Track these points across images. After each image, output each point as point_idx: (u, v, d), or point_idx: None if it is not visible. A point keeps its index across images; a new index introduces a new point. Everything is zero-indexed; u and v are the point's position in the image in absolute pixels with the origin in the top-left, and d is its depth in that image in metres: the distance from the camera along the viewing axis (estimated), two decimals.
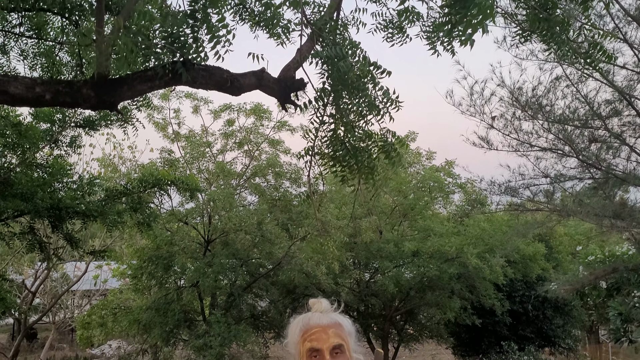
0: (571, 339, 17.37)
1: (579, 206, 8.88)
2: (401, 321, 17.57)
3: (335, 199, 14.54)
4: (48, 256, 7.72)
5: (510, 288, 16.14)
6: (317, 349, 1.81)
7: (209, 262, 12.59)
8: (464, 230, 14.33)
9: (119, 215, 7.75)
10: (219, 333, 11.70)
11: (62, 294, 17.68)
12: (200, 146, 13.82)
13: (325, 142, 4.19)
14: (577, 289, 10.18)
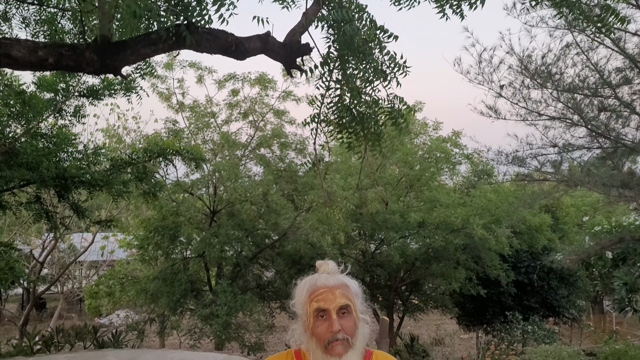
0: (575, 309, 17.45)
1: (586, 176, 8.81)
2: (406, 292, 17.70)
3: (341, 169, 14.49)
4: (55, 225, 7.75)
5: (515, 259, 16.17)
6: (324, 309, 1.80)
7: (214, 232, 12.64)
8: (470, 201, 14.30)
9: (124, 185, 7.75)
10: (225, 302, 11.81)
11: (70, 265, 17.86)
12: (205, 117, 13.74)
13: (331, 109, 4.13)
14: (583, 259, 10.18)
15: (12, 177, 6.62)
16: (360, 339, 1.85)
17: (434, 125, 16.52)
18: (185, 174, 13.68)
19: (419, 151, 15.99)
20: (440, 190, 15.50)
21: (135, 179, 7.88)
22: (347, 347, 1.79)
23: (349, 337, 1.79)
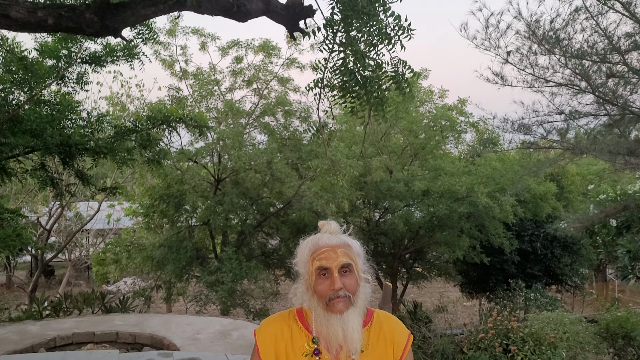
0: (578, 277, 17.56)
1: (592, 143, 8.74)
2: (410, 260, 17.83)
3: (346, 137, 14.45)
4: (60, 192, 7.78)
5: (519, 227, 16.21)
6: (325, 267, 1.80)
7: (219, 200, 12.69)
8: (475, 170, 14.26)
9: (128, 152, 7.73)
10: (231, 269, 11.93)
11: (77, 232, 18.03)
12: (209, 84, 13.63)
13: (335, 73, 4.08)
14: (587, 227, 10.19)
15: (16, 144, 6.60)
16: (361, 297, 1.86)
17: (439, 93, 16.37)
18: (189, 143, 13.68)
19: (424, 119, 15.88)
20: (445, 159, 15.46)
21: (139, 146, 7.86)
22: (349, 304, 1.80)
23: (350, 294, 1.81)
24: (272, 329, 1.89)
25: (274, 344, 1.86)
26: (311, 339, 1.85)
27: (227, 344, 5.69)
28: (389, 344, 1.88)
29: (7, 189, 16.23)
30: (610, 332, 11.19)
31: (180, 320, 6.72)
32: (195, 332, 6.16)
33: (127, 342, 6.09)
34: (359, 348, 1.82)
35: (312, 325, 1.87)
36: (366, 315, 1.92)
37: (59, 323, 6.64)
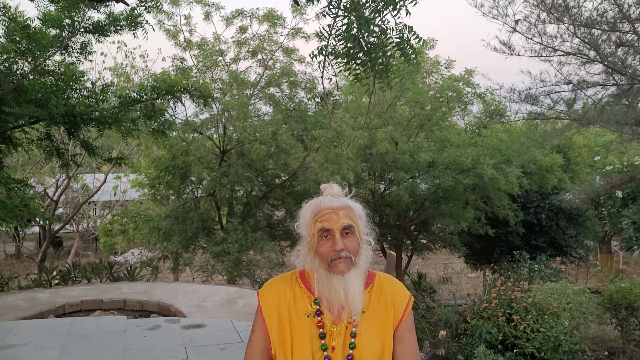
0: (583, 248, 17.60)
1: (600, 114, 8.65)
2: (415, 231, 17.89)
3: (351, 108, 14.37)
4: (66, 163, 7.81)
5: (525, 199, 16.20)
6: (327, 229, 1.81)
7: (224, 172, 12.71)
8: (481, 141, 14.19)
9: (133, 122, 7.73)
10: (237, 240, 12.02)
11: (83, 203, 18.17)
12: (213, 55, 13.53)
13: (339, 40, 4.03)
14: (592, 198, 10.14)
15: (22, 114, 6.60)
16: (363, 259, 1.87)
17: (446, 63, 16.20)
18: (194, 114, 13.65)
19: (430, 91, 15.75)
20: (451, 130, 15.39)
21: (144, 116, 7.85)
22: (350, 265, 1.81)
23: (351, 255, 1.81)
24: (275, 290, 1.91)
25: (276, 305, 1.88)
26: (313, 300, 1.87)
27: (232, 311, 5.77)
28: (389, 305, 1.89)
29: (13, 160, 16.31)
30: (613, 302, 11.24)
31: (186, 289, 6.81)
32: (201, 300, 6.25)
33: (134, 309, 6.19)
34: (360, 309, 1.84)
35: (314, 287, 1.89)
36: (367, 278, 1.93)
37: (68, 291, 6.74)
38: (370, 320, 1.86)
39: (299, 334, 1.83)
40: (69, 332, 4.57)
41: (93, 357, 3.98)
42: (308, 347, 1.80)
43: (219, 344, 4.32)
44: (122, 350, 4.13)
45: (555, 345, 7.67)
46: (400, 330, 1.88)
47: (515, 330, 8.22)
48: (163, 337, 4.48)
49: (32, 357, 4.01)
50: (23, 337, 4.44)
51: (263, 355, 1.87)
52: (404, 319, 1.89)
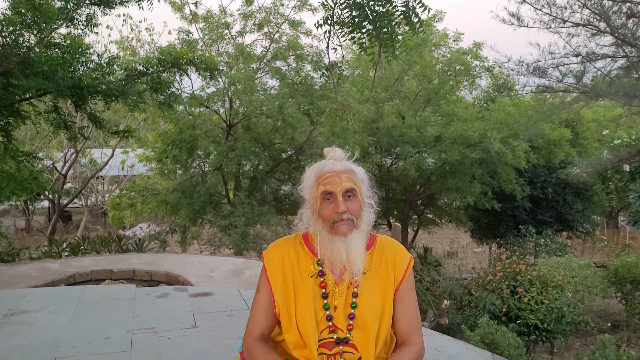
0: (590, 223, 17.59)
1: (609, 86, 8.58)
2: (421, 206, 17.93)
3: (358, 82, 14.28)
4: (74, 135, 7.86)
5: (532, 174, 16.16)
6: (330, 191, 1.84)
7: (231, 146, 12.73)
8: (489, 115, 14.11)
9: (139, 95, 7.73)
10: (243, 214, 12.11)
11: (92, 177, 18.31)
12: (219, 28, 13.42)
13: (344, 9, 4.01)
14: (600, 172, 10.12)
15: (29, 86, 6.62)
16: (364, 221, 1.91)
17: (454, 36, 15.99)
18: (200, 88, 13.62)
19: (437, 64, 15.61)
20: (459, 104, 15.29)
21: (151, 89, 7.84)
22: (352, 227, 1.85)
23: (354, 218, 1.85)
24: (279, 252, 1.96)
25: (280, 266, 1.92)
26: (316, 261, 1.91)
27: (239, 281, 5.86)
28: (390, 267, 1.93)
29: (21, 134, 16.41)
30: (618, 277, 11.30)
31: (194, 260, 6.91)
32: (209, 271, 6.34)
33: (143, 279, 6.30)
34: (362, 269, 1.88)
35: (317, 249, 1.93)
36: (369, 240, 1.97)
37: (78, 261, 6.86)
38: (371, 281, 1.90)
39: (303, 294, 1.88)
40: (80, 299, 4.67)
41: (104, 322, 4.08)
42: (311, 307, 1.85)
43: (225, 311, 4.41)
44: (132, 316, 4.23)
45: (558, 317, 7.75)
46: (401, 291, 1.93)
47: (520, 302, 8.31)
48: (172, 304, 4.57)
49: (45, 321, 4.11)
50: (36, 304, 4.55)
51: (267, 314, 1.92)
52: (405, 280, 1.94)
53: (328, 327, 1.85)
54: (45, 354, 3.50)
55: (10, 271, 6.33)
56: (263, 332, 1.92)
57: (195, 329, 3.99)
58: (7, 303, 4.58)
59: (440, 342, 3.85)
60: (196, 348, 3.62)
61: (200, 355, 3.50)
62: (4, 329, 3.97)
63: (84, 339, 3.78)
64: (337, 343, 1.84)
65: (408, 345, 1.89)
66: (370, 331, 1.84)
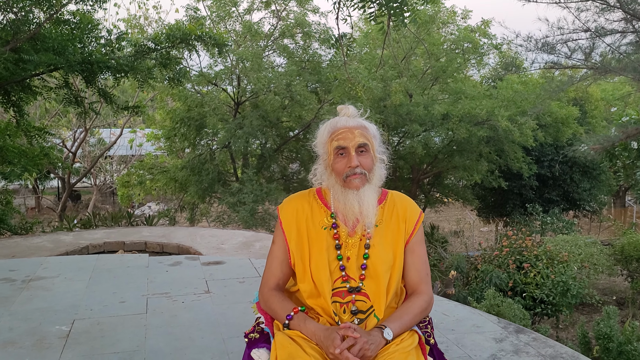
0: (597, 202, 17.58)
1: (618, 62, 8.54)
2: (428, 185, 17.98)
3: (366, 59, 14.24)
4: (85, 111, 7.94)
5: (539, 152, 16.14)
6: (343, 146, 1.91)
7: (239, 123, 12.79)
8: (496, 93, 14.06)
9: (149, 71, 7.78)
10: (252, 191, 12.21)
11: (101, 155, 18.45)
12: (227, 5, 13.40)
13: None
14: (607, 149, 10.11)
15: (40, 61, 6.68)
16: (376, 176, 1.97)
17: (462, 14, 15.86)
18: (208, 66, 13.64)
19: (445, 42, 15.52)
20: (466, 83, 15.23)
21: (160, 65, 7.89)
22: (364, 181, 1.91)
23: (366, 172, 1.91)
24: (294, 205, 2.03)
25: (295, 218, 1.99)
26: (329, 214, 1.98)
27: (249, 252, 5.96)
28: (401, 220, 2.00)
29: (31, 112, 16.51)
30: (624, 254, 11.34)
31: (204, 233, 7.02)
32: (219, 243, 6.45)
33: (155, 251, 6.41)
34: (374, 222, 1.95)
35: (330, 203, 2.00)
36: (381, 195, 2.04)
37: (90, 234, 6.99)
38: (383, 234, 1.97)
39: (317, 245, 1.95)
40: (95, 267, 4.79)
41: (119, 288, 4.20)
42: (325, 257, 1.93)
43: (237, 278, 4.51)
44: (146, 283, 4.35)
45: (564, 290, 7.83)
46: (411, 243, 2.00)
47: (525, 277, 8.39)
48: (184, 272, 4.68)
49: (62, 287, 4.24)
50: (52, 271, 4.67)
51: (282, 265, 2.00)
52: (415, 233, 2.00)
53: (341, 277, 1.92)
54: (64, 315, 3.62)
55: (25, 243, 6.46)
56: (278, 282, 2.00)
57: (208, 294, 4.09)
58: (25, 270, 4.71)
59: (448, 307, 3.94)
60: (210, 311, 3.73)
61: (215, 317, 3.60)
62: (23, 293, 4.10)
63: (100, 302, 3.90)
64: (350, 292, 1.91)
65: (418, 295, 1.97)
66: (381, 281, 1.91)
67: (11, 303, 3.87)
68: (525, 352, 3.10)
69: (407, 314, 1.90)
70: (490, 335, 3.35)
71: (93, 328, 3.41)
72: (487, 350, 3.14)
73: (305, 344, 1.76)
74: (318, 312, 1.93)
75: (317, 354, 1.73)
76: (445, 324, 3.54)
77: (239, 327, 3.35)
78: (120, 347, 3.13)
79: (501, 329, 3.46)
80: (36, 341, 3.20)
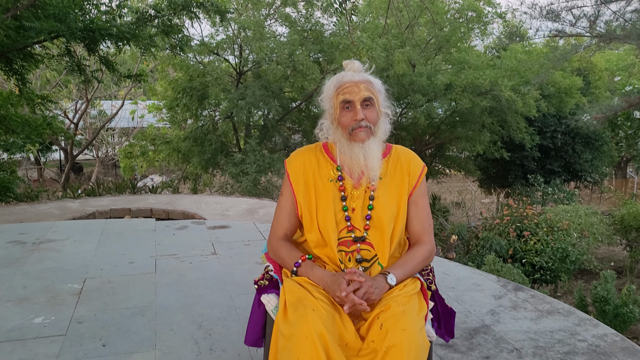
0: (598, 173, 17.62)
1: (622, 30, 8.49)
2: (430, 156, 18.01)
3: (368, 29, 14.12)
4: (87, 79, 7.95)
5: (542, 123, 16.12)
6: (349, 100, 1.95)
7: (241, 94, 12.76)
8: (500, 63, 13.98)
9: (150, 39, 7.76)
10: (255, 161, 12.25)
11: (102, 126, 18.46)
12: None
13: None
14: (610, 118, 10.11)
15: (41, 28, 6.67)
16: (381, 129, 2.03)
17: None
18: (210, 35, 13.55)
19: (449, 11, 15.36)
20: (470, 52, 15.12)
21: (162, 32, 7.87)
22: (369, 134, 1.97)
23: (371, 125, 1.96)
24: (301, 158, 2.09)
25: (302, 171, 2.05)
26: (335, 167, 2.04)
27: (254, 218, 6.05)
28: (405, 173, 2.06)
29: (32, 81, 16.47)
30: (624, 224, 11.44)
31: (209, 200, 7.10)
32: (224, 210, 6.54)
33: (160, 217, 6.51)
34: (378, 175, 2.01)
35: (336, 156, 2.06)
36: (385, 149, 2.10)
37: (97, 201, 7.08)
38: (387, 186, 2.04)
39: (323, 197, 2.01)
40: (103, 230, 4.89)
41: (128, 249, 4.29)
42: (331, 208, 1.99)
43: (243, 241, 4.61)
44: (154, 245, 4.44)
45: (563, 256, 7.94)
46: (415, 195, 2.06)
47: (525, 245, 8.50)
48: (191, 235, 4.77)
49: (72, 249, 4.33)
50: (61, 234, 4.77)
51: (290, 216, 2.07)
52: (418, 185, 2.07)
53: (346, 227, 1.99)
54: (76, 274, 3.72)
55: (32, 209, 6.55)
56: (286, 233, 2.08)
57: (215, 256, 4.19)
58: (35, 233, 4.80)
59: (448, 267, 4.03)
60: (217, 271, 3.83)
61: (222, 277, 3.70)
62: (34, 255, 4.19)
63: (110, 262, 4.00)
64: (355, 241, 1.98)
65: (420, 244, 2.04)
66: (385, 231, 1.98)
67: (23, 263, 3.97)
68: (523, 307, 3.20)
69: (410, 261, 1.97)
70: (489, 293, 3.45)
71: (104, 286, 3.51)
72: (486, 306, 3.23)
73: (312, 289, 1.84)
74: (324, 261, 2.00)
75: (324, 298, 1.81)
76: (446, 283, 3.64)
77: (246, 285, 3.45)
78: (131, 302, 3.23)
79: (500, 287, 3.56)
80: (50, 297, 3.30)
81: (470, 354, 2.60)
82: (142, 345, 2.67)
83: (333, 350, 1.66)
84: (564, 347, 2.67)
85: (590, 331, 2.85)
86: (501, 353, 2.61)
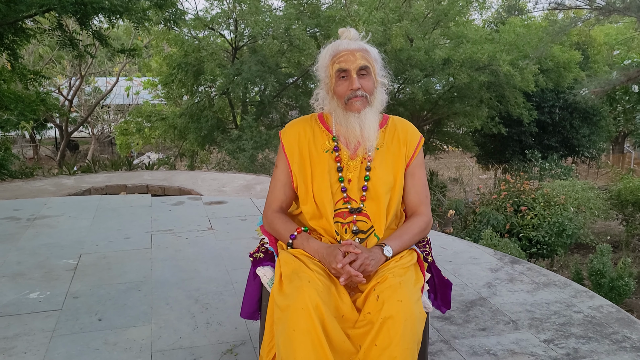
0: (596, 148, 17.60)
1: (621, 2, 8.39)
2: (428, 132, 17.94)
3: (366, 2, 13.92)
4: (80, 53, 7.83)
5: (540, 98, 16.03)
6: (345, 69, 1.90)
7: (237, 69, 12.62)
8: (499, 37, 13.83)
9: (144, 12, 7.63)
10: (251, 137, 12.18)
11: (97, 103, 18.28)
12: None
13: None
14: (608, 92, 10.05)
15: (32, 1, 6.54)
16: (378, 99, 1.98)
17: None
18: (204, 9, 13.34)
19: None
20: (468, 26, 14.95)
21: (155, 6, 7.74)
22: (366, 103, 1.93)
23: (367, 94, 1.92)
24: (296, 129, 2.04)
25: (297, 142, 2.01)
26: (331, 137, 2.00)
27: (250, 194, 6.03)
28: (402, 143, 2.02)
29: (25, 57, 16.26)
30: (621, 199, 11.45)
31: (205, 176, 7.07)
32: (220, 186, 6.51)
33: (156, 194, 6.47)
34: (375, 145, 1.97)
35: (332, 127, 2.02)
36: (382, 119, 2.06)
37: (92, 177, 7.03)
38: (383, 156, 2.00)
39: (319, 168, 1.98)
40: (98, 206, 4.86)
41: (124, 225, 4.27)
42: (327, 179, 1.96)
43: (239, 216, 4.59)
44: (150, 220, 4.42)
45: (559, 230, 7.96)
46: (411, 167, 2.03)
47: (522, 220, 8.52)
48: (187, 211, 4.75)
49: (67, 224, 4.31)
50: (56, 210, 4.74)
51: (285, 187, 2.03)
52: (415, 156, 2.03)
53: (342, 198, 1.96)
54: (71, 250, 3.70)
55: (27, 186, 6.51)
56: (282, 205, 2.05)
57: (211, 231, 4.17)
58: (29, 209, 4.78)
59: (445, 241, 4.02)
60: (214, 246, 3.81)
61: (218, 252, 3.68)
62: (28, 231, 4.17)
63: (106, 238, 3.98)
64: (351, 212, 1.95)
65: (417, 216, 2.01)
66: (382, 202, 1.95)
67: (17, 240, 3.95)
68: (520, 280, 3.20)
69: (407, 233, 1.95)
70: (486, 266, 3.45)
71: (100, 261, 3.50)
72: (483, 278, 3.23)
73: (308, 260, 1.82)
74: (320, 233, 1.97)
75: (320, 270, 1.79)
76: (443, 256, 3.63)
77: (243, 260, 3.44)
78: (127, 277, 3.22)
79: (497, 260, 3.55)
80: (45, 273, 3.29)
81: (466, 325, 2.60)
82: (139, 319, 2.66)
83: (329, 322, 1.64)
84: (560, 318, 2.67)
85: (586, 303, 2.85)
86: (497, 325, 2.61)
